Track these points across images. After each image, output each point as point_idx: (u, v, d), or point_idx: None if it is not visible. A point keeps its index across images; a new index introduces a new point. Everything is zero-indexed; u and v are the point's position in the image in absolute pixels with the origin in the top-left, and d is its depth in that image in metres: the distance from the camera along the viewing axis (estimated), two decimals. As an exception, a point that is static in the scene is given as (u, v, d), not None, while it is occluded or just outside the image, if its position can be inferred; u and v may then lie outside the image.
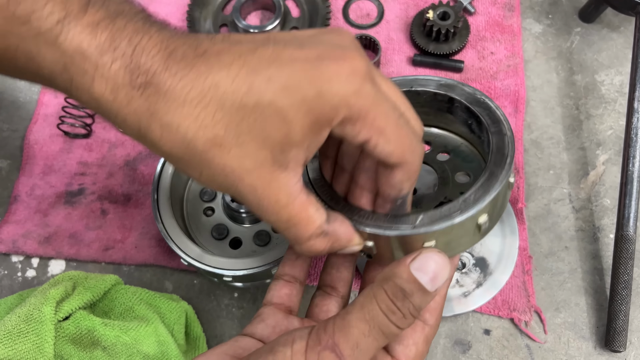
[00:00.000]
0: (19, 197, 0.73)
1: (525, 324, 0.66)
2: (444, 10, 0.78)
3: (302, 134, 0.33)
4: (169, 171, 0.63)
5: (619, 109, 0.77)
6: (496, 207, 0.40)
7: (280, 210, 0.35)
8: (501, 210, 0.41)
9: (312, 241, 0.37)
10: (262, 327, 0.41)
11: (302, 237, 0.36)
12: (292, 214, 0.35)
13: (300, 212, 0.35)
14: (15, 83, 0.80)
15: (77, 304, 0.59)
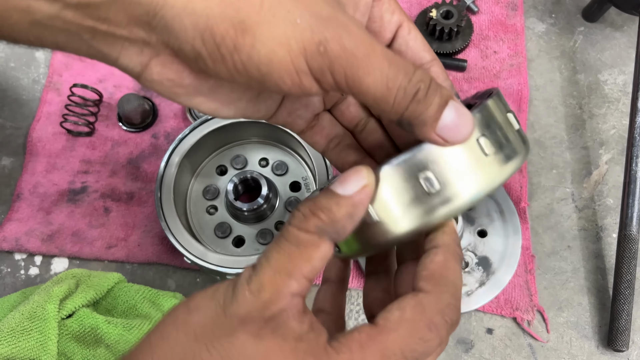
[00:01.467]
0: (22, 195, 0.73)
1: (527, 323, 0.66)
2: (447, 9, 0.78)
3: None
4: (172, 169, 0.63)
5: (622, 109, 0.77)
6: (493, 130, 0.34)
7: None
8: (504, 139, 0.35)
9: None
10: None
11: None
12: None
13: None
14: (18, 81, 0.80)
15: (80, 301, 0.59)
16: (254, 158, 0.70)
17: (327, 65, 0.31)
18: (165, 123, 0.77)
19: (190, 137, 0.65)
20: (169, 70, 0.35)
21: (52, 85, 0.79)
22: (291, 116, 0.42)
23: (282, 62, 0.31)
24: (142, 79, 0.35)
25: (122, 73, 0.81)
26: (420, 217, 0.33)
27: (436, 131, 0.32)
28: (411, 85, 0.31)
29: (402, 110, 0.32)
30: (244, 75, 0.32)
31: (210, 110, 0.39)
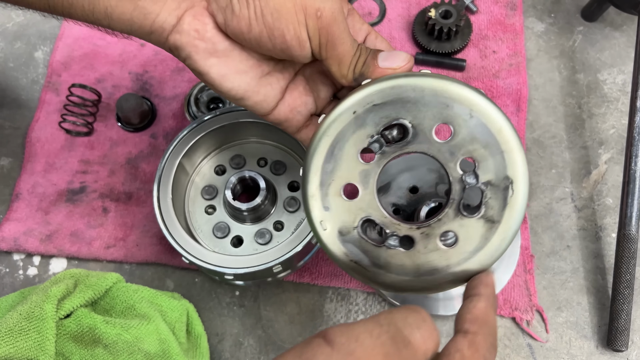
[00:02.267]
0: (20, 195, 0.73)
1: (527, 323, 0.66)
2: (446, 9, 0.78)
3: None
4: (170, 169, 0.63)
5: (621, 108, 0.77)
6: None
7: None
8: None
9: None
10: None
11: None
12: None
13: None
14: (17, 81, 0.80)
15: (78, 301, 0.59)
16: (253, 158, 0.70)
17: (319, 27, 0.43)
18: (163, 123, 0.77)
19: (188, 137, 0.65)
20: (198, 21, 0.43)
21: (51, 86, 0.79)
22: (292, 112, 0.49)
23: (289, 12, 0.42)
24: (174, 32, 0.43)
25: (120, 73, 0.81)
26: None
27: (379, 66, 0.44)
28: (358, 50, 0.45)
29: (353, 67, 0.45)
30: (260, 21, 0.42)
31: (219, 75, 0.45)
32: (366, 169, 0.44)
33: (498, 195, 0.42)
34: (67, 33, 0.82)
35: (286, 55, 0.45)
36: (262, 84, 0.47)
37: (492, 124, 0.42)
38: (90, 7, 0.42)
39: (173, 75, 0.79)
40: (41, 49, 0.82)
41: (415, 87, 0.42)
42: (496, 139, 0.42)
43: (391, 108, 0.42)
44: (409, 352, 0.33)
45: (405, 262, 0.44)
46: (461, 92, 0.42)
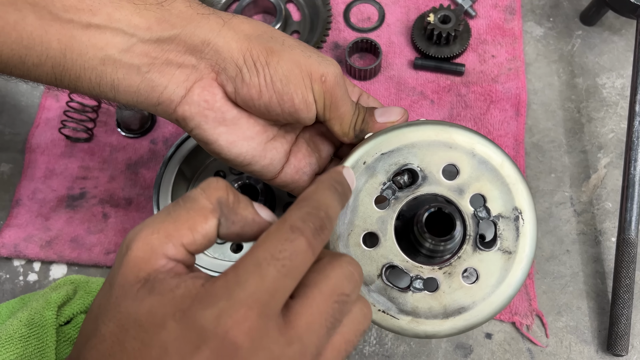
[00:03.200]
0: (20, 201, 0.73)
1: (526, 328, 0.66)
2: (445, 14, 0.78)
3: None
4: (170, 175, 0.63)
5: (620, 112, 0.77)
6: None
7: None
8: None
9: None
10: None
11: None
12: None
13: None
14: (17, 87, 0.81)
15: (78, 308, 0.59)
16: (252, 163, 0.70)
17: (324, 91, 0.46)
18: (163, 129, 0.77)
19: (188, 142, 0.65)
20: (207, 92, 0.45)
21: (51, 92, 0.79)
22: (298, 173, 0.51)
23: (297, 77, 0.45)
24: (183, 103, 0.45)
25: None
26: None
27: (377, 121, 0.49)
28: (356, 109, 0.49)
29: (354, 125, 0.49)
30: (270, 87, 0.45)
31: (228, 143, 0.47)
32: (382, 215, 0.45)
33: (510, 226, 0.45)
34: (67, 39, 0.82)
35: (293, 119, 0.47)
36: (268, 149, 0.49)
37: (494, 160, 0.45)
38: (97, 81, 0.43)
39: (173, 81, 0.79)
40: (41, 55, 0.83)
41: (418, 132, 0.45)
42: (500, 174, 0.45)
43: (398, 155, 0.45)
44: (189, 203, 0.34)
45: (432, 305, 0.45)
46: (461, 133, 0.45)
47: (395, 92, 0.78)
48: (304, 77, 0.45)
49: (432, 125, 0.45)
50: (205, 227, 0.33)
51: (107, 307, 0.32)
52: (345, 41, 0.81)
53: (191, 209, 0.33)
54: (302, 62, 0.45)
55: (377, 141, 0.46)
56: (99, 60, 0.42)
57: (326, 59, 0.47)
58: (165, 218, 0.33)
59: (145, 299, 0.31)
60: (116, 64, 0.42)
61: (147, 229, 0.33)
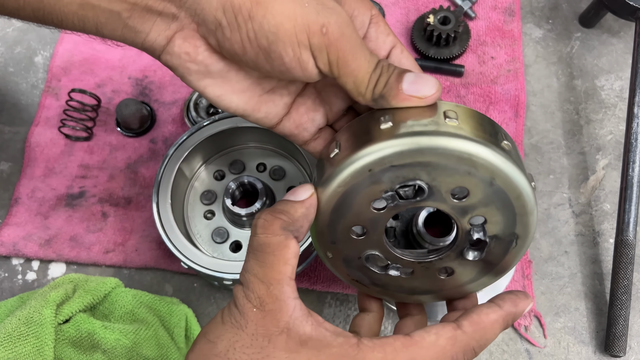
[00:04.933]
0: (20, 200, 0.73)
1: (525, 329, 0.66)
2: (445, 15, 0.78)
3: None
4: (170, 174, 0.63)
5: (619, 114, 0.77)
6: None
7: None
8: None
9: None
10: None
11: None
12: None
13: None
14: (17, 86, 0.81)
15: (77, 306, 0.59)
16: (252, 163, 0.71)
17: (326, 45, 0.38)
18: (163, 128, 0.77)
19: (188, 142, 0.65)
20: (188, 44, 0.40)
21: (51, 90, 0.79)
22: (298, 128, 0.47)
23: (287, 33, 0.37)
24: (164, 53, 0.41)
25: (120, 78, 0.81)
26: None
27: (403, 91, 0.39)
28: (378, 66, 0.40)
29: (373, 87, 0.40)
30: (254, 44, 0.38)
31: (214, 96, 0.43)
32: (376, 216, 0.41)
33: (501, 245, 0.42)
34: (67, 38, 0.82)
35: (288, 78, 0.41)
36: (263, 101, 0.44)
37: (512, 191, 0.39)
38: (80, 24, 0.41)
39: (172, 81, 0.79)
40: (41, 54, 0.83)
41: (438, 151, 0.37)
42: (512, 204, 0.40)
43: (409, 170, 0.38)
44: (268, 249, 0.38)
45: (403, 284, 0.45)
46: (485, 157, 0.37)
47: (394, 92, 0.78)
48: (297, 32, 0.38)
49: (457, 140, 0.37)
50: (292, 251, 0.38)
51: (248, 355, 0.36)
52: (345, 42, 0.82)
53: (275, 250, 0.37)
54: (296, 13, 0.37)
55: (389, 150, 0.37)
56: (78, 6, 0.39)
57: (327, 6, 0.39)
58: (266, 271, 0.37)
59: (299, 352, 0.36)
60: (95, 9, 0.39)
61: (259, 285, 0.37)
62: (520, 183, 0.39)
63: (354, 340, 0.36)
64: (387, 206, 0.41)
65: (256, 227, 0.38)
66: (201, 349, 0.37)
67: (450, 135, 0.37)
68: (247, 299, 0.37)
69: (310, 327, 0.37)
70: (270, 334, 0.36)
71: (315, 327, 0.37)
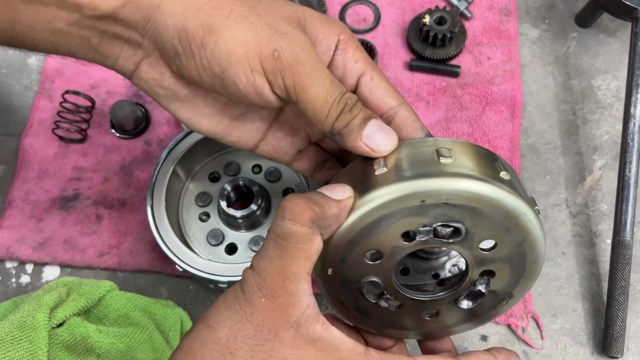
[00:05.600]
0: (13, 202, 0.73)
1: (522, 330, 0.66)
2: (441, 15, 0.78)
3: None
4: (164, 176, 0.63)
5: (615, 114, 0.77)
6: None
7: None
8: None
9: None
10: None
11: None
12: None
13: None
14: (10, 88, 0.80)
15: (71, 310, 0.58)
16: (247, 165, 0.70)
17: (280, 69, 0.37)
18: (158, 130, 0.76)
19: (182, 143, 0.65)
20: (154, 70, 0.41)
21: (45, 92, 0.79)
22: (277, 152, 0.47)
23: (239, 59, 0.37)
24: (134, 77, 0.42)
25: (114, 80, 0.81)
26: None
27: (362, 140, 0.38)
28: (342, 100, 0.38)
29: (333, 120, 0.38)
30: (209, 71, 0.38)
31: (184, 119, 0.43)
32: (401, 247, 0.39)
33: (494, 300, 0.43)
34: (61, 39, 0.82)
35: (248, 103, 0.41)
36: (234, 126, 0.44)
37: (533, 255, 0.40)
38: (53, 49, 0.41)
39: (167, 82, 0.79)
40: (35, 55, 0.82)
41: (493, 203, 0.36)
42: (526, 267, 0.41)
43: (459, 211, 0.37)
44: (291, 239, 0.35)
45: (385, 317, 0.44)
46: (526, 218, 0.37)
47: (390, 93, 0.78)
48: (249, 58, 0.37)
49: (511, 197, 0.37)
50: (316, 248, 0.35)
51: (249, 345, 0.34)
52: (340, 42, 0.81)
53: (298, 243, 0.34)
54: (247, 39, 0.37)
55: (446, 187, 0.36)
56: (50, 33, 0.40)
57: (280, 31, 0.38)
58: (285, 263, 0.35)
59: (305, 349, 0.35)
60: (66, 36, 0.40)
61: (275, 275, 0.35)
62: (542, 251, 0.40)
63: (361, 349, 0.36)
64: (417, 240, 0.38)
65: (284, 211, 0.35)
66: (199, 333, 0.36)
67: (506, 190, 0.37)
68: (257, 287, 0.35)
69: (321, 327, 0.36)
70: (278, 327, 0.35)
71: (325, 328, 0.36)
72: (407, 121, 0.42)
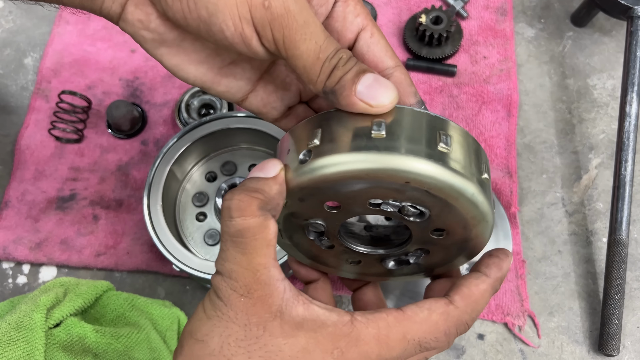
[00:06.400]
0: (9, 203, 0.72)
1: (519, 329, 0.66)
2: (437, 15, 0.78)
3: None
4: (161, 176, 0.63)
5: (611, 113, 0.77)
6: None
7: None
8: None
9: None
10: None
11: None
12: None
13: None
14: (6, 88, 0.80)
15: (68, 310, 0.58)
16: (244, 164, 0.70)
17: (269, 20, 0.34)
18: (154, 129, 0.76)
19: (179, 143, 0.65)
20: (140, 11, 0.38)
21: (41, 92, 0.79)
22: (266, 107, 0.44)
23: (227, 4, 0.34)
24: (120, 21, 0.39)
25: (111, 80, 0.81)
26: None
27: (356, 95, 0.34)
28: (335, 56, 0.35)
29: (325, 77, 0.35)
30: (194, 14, 0.35)
31: (171, 65, 0.41)
32: (363, 208, 0.38)
33: (413, 270, 0.44)
34: (57, 39, 0.82)
35: (237, 52, 0.38)
36: (223, 74, 0.42)
37: (469, 253, 0.42)
38: None
39: (163, 82, 0.79)
40: (31, 56, 0.82)
41: (467, 203, 0.35)
42: (457, 259, 0.43)
43: (434, 201, 0.35)
44: (245, 236, 0.34)
45: (313, 251, 0.44)
46: (486, 225, 0.38)
47: (387, 93, 0.78)
48: (238, 4, 0.34)
49: (485, 207, 0.36)
50: (273, 231, 0.34)
51: (244, 345, 0.34)
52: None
53: (255, 234, 0.34)
54: None
55: (437, 180, 0.34)
56: None
57: None
58: (249, 258, 0.34)
59: (296, 335, 0.34)
60: None
61: (245, 272, 0.34)
62: (478, 252, 0.42)
63: (347, 318, 0.35)
64: (380, 208, 0.37)
65: (230, 210, 0.34)
66: (191, 349, 0.35)
67: (483, 195, 0.36)
68: (232, 289, 0.34)
69: (302, 307, 0.35)
70: (264, 321, 0.34)
71: (307, 307, 0.35)
72: (402, 84, 0.39)
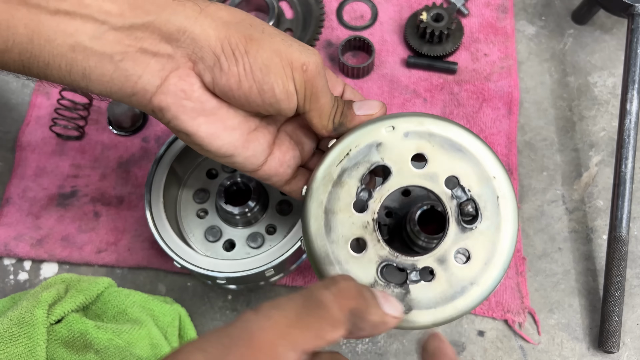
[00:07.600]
0: (11, 200, 0.73)
1: (519, 325, 0.66)
2: (438, 12, 0.78)
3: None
4: (162, 173, 0.63)
5: (611, 111, 0.77)
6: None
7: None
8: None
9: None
10: None
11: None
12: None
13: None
14: (7, 85, 0.80)
15: (69, 307, 0.59)
16: (245, 161, 0.70)
17: (305, 81, 0.45)
18: (155, 127, 0.76)
19: (180, 140, 0.65)
20: (184, 82, 0.43)
21: (42, 89, 0.79)
22: (282, 166, 0.50)
23: (277, 67, 0.43)
24: (158, 92, 0.43)
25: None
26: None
27: (356, 114, 0.48)
28: (336, 103, 0.48)
29: (333, 118, 0.48)
30: (249, 77, 0.43)
31: (208, 134, 0.45)
32: (363, 218, 0.46)
33: (488, 196, 0.45)
34: (58, 36, 0.82)
35: (274, 110, 0.46)
36: (251, 140, 0.47)
37: (455, 140, 0.46)
38: (67, 69, 0.40)
39: (165, 79, 0.79)
40: (32, 53, 0.82)
41: (374, 133, 0.47)
42: (464, 148, 0.45)
43: (362, 156, 0.46)
44: (322, 311, 0.33)
45: (431, 294, 0.45)
46: (408, 120, 0.46)
47: (388, 90, 0.78)
48: (284, 66, 0.44)
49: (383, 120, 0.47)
50: (333, 336, 0.33)
51: None
52: (338, 39, 0.81)
53: (322, 318, 0.33)
54: (282, 50, 0.44)
55: (340, 149, 0.47)
56: (69, 47, 0.39)
57: (308, 48, 0.45)
58: (294, 323, 0.32)
59: None
60: (87, 51, 0.40)
61: (273, 330, 0.32)
62: (453, 127, 0.47)
63: None
64: (367, 203, 0.46)
65: (334, 285, 0.35)
66: None
67: (378, 120, 0.48)
68: (245, 330, 0.32)
69: None
70: None
71: None
72: (356, 97, 0.53)
